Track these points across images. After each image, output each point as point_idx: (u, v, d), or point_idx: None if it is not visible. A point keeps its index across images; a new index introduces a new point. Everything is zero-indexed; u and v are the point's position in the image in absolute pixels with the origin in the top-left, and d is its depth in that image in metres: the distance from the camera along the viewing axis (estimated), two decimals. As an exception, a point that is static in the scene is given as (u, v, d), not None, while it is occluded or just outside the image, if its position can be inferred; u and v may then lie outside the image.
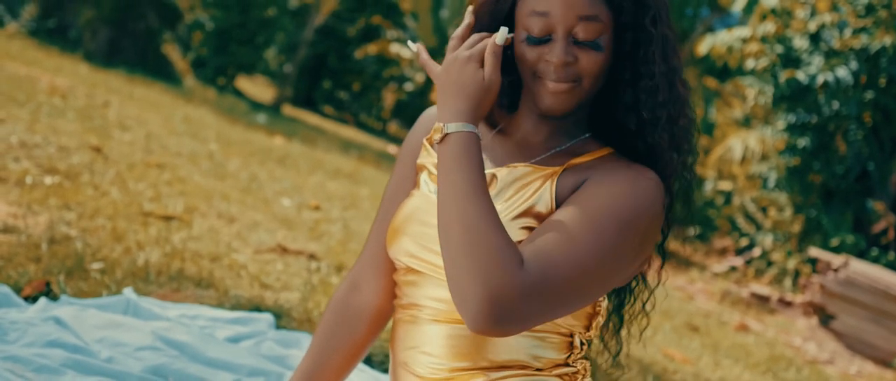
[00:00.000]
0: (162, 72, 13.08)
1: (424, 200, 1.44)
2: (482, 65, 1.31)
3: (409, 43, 1.42)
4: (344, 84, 19.34)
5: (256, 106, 14.47)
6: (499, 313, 1.14)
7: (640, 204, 1.27)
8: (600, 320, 1.42)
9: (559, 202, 1.32)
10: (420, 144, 1.54)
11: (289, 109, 16.61)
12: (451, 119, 1.28)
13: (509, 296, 1.14)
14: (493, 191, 1.37)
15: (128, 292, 2.45)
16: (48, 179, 4.09)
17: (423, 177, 1.48)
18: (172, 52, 14.11)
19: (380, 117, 20.36)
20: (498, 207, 1.34)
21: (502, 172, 1.39)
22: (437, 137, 1.28)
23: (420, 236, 1.40)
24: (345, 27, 18.31)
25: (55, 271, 2.83)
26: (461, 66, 1.30)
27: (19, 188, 3.81)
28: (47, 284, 2.47)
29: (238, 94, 15.97)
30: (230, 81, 16.00)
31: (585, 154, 1.39)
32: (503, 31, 1.30)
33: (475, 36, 1.35)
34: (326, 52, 18.40)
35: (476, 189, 1.22)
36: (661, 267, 1.50)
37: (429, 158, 1.48)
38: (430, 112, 1.58)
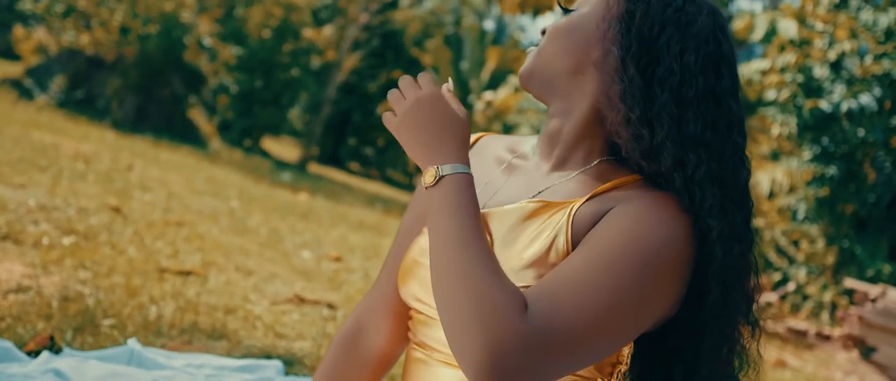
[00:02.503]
0: (188, 136, 13.28)
1: None
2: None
3: (447, 83, 1.30)
4: (369, 140, 19.50)
5: (281, 165, 14.61)
6: (500, 368, 1.00)
7: (662, 236, 1.10)
8: (623, 368, 1.25)
9: (576, 240, 1.17)
10: None
11: (315, 167, 16.75)
12: (444, 160, 1.17)
13: (510, 347, 1.00)
14: (500, 233, 1.24)
15: (132, 342, 2.42)
16: (65, 240, 4.11)
17: None
18: (198, 116, 14.35)
19: (406, 171, 20.46)
20: (507, 254, 1.21)
21: (511, 211, 1.26)
22: (431, 180, 1.16)
23: (426, 282, 1.29)
24: (367, 84, 18.53)
25: (65, 327, 2.82)
26: (432, 104, 1.22)
27: (36, 250, 3.84)
28: (51, 338, 2.45)
29: (264, 154, 16.14)
30: (256, 143, 16.19)
31: (607, 182, 1.23)
32: (449, 82, 1.28)
33: (408, 78, 1.28)
34: (350, 109, 18.61)
35: (473, 234, 1.11)
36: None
37: None
38: None
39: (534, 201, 1.25)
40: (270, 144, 18.74)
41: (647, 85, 1.17)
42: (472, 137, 1.48)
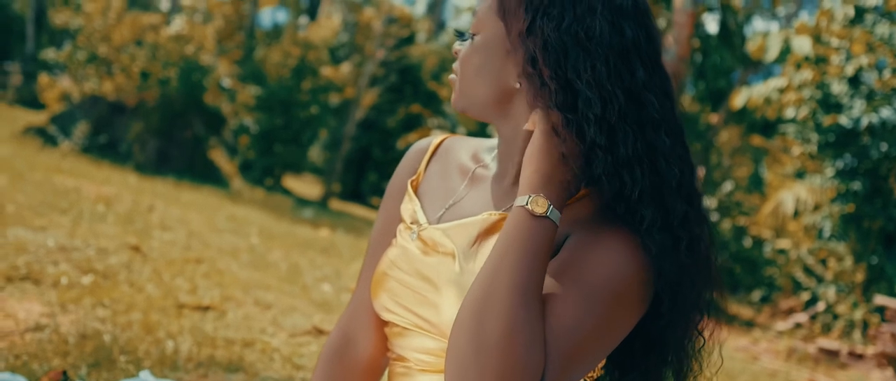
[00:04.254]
0: (210, 177, 13.39)
1: (401, 252, 1.37)
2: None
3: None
4: (389, 174, 19.50)
5: (303, 202, 14.67)
6: None
7: (629, 272, 1.12)
8: (595, 375, 1.28)
9: None
10: (404, 185, 1.48)
11: (336, 204, 16.80)
12: (554, 197, 1.11)
13: None
14: (463, 246, 1.24)
15: (144, 374, 2.42)
16: (84, 279, 4.14)
17: (400, 227, 1.41)
18: (219, 157, 14.48)
19: (427, 205, 20.45)
20: (470, 267, 1.21)
21: (473, 223, 1.25)
22: (542, 210, 1.08)
23: (396, 293, 1.31)
24: (385, 119, 18.62)
25: (81, 363, 2.82)
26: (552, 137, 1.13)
27: (55, 289, 3.86)
28: (64, 373, 2.45)
29: (286, 192, 16.24)
30: (277, 181, 16.28)
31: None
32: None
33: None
34: (370, 145, 18.69)
35: (539, 290, 1.08)
36: (704, 322, 1.27)
37: (409, 204, 1.41)
38: (419, 146, 1.50)
39: (496, 213, 1.24)
40: (292, 182, 18.84)
41: (572, 115, 1.12)
42: (437, 140, 1.48)
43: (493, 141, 1.41)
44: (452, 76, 1.28)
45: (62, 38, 20.08)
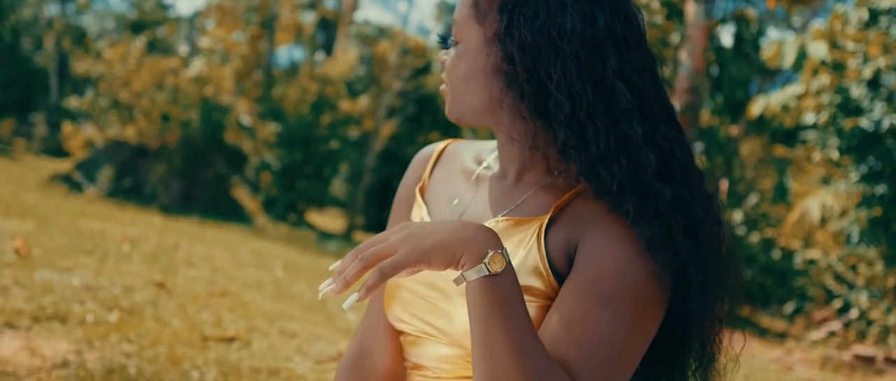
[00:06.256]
0: (234, 214, 13.49)
1: None
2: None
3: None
4: (411, 204, 19.58)
5: (327, 236, 14.72)
6: None
7: (642, 272, 1.10)
8: None
9: (552, 261, 1.16)
10: (412, 193, 1.48)
11: (360, 236, 16.84)
12: (484, 241, 1.03)
13: None
14: None
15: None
16: (110, 316, 4.17)
17: None
18: (242, 194, 14.59)
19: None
20: None
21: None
22: (499, 267, 1.03)
23: (408, 303, 1.30)
24: (405, 149, 18.71)
25: (107, 396, 2.84)
26: (414, 225, 1.07)
27: (81, 327, 3.89)
28: (90, 403, 2.46)
29: (310, 227, 16.31)
30: (301, 216, 16.36)
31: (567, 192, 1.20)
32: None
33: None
34: (390, 175, 18.77)
35: (533, 334, 1.06)
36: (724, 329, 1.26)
37: (418, 211, 1.42)
38: (423, 152, 1.51)
39: (502, 219, 1.24)
40: (315, 216, 18.92)
41: (548, 119, 1.12)
42: (441, 145, 1.48)
43: (493, 142, 1.40)
44: (443, 87, 1.27)
45: (84, 86, 20.45)
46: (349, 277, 1.03)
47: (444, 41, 1.25)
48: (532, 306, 1.15)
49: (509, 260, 1.04)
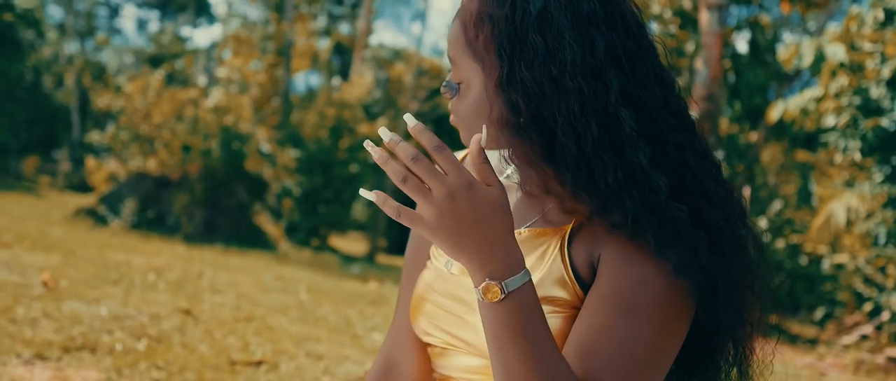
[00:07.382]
0: (257, 241, 13.56)
1: (436, 274, 1.37)
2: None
3: (479, 136, 1.04)
4: (433, 225, 19.56)
5: (350, 259, 14.75)
6: None
7: (666, 284, 1.09)
8: None
9: (577, 271, 1.15)
10: None
11: (383, 258, 16.86)
12: (501, 267, 1.00)
13: None
14: None
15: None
16: (139, 345, 4.20)
17: (433, 249, 1.41)
18: (265, 221, 14.66)
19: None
20: None
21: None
22: (496, 298, 1.01)
23: (434, 316, 1.30)
24: (425, 169, 18.77)
25: (138, 421, 2.86)
26: (468, 196, 0.98)
27: (110, 356, 3.92)
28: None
29: (333, 251, 16.35)
30: (323, 241, 16.41)
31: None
32: (483, 132, 1.04)
33: (425, 162, 1.01)
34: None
35: (553, 359, 1.04)
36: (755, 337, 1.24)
37: None
38: None
39: (524, 230, 1.23)
40: (338, 241, 18.98)
41: (556, 163, 1.11)
42: (460, 155, 1.47)
43: None
44: (453, 119, 1.23)
45: (105, 121, 20.70)
46: (387, 169, 0.99)
47: (448, 84, 1.21)
48: (558, 317, 1.15)
49: (518, 286, 1.01)
